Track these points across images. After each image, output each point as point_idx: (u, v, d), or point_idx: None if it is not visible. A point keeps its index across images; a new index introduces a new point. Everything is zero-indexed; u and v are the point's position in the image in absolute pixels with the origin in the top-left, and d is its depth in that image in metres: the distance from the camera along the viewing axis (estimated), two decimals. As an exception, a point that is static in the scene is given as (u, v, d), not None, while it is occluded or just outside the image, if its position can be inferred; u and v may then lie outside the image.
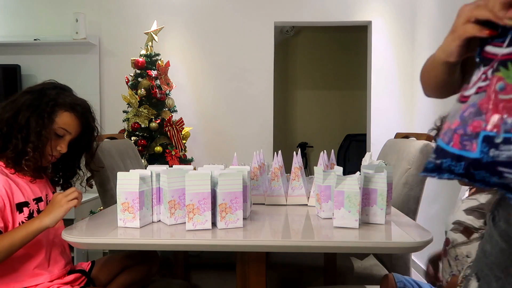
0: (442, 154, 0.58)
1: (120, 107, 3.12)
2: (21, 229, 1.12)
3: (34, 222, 1.13)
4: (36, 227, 1.12)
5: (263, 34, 3.41)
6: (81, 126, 1.30)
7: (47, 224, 1.13)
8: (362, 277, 1.75)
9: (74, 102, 1.28)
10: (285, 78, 5.35)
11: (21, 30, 3.42)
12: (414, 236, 1.02)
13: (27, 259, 1.20)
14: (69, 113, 1.26)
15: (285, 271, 1.81)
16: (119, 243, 1.04)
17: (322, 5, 3.37)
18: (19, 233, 1.11)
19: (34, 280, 1.20)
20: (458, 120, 0.57)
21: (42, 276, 1.22)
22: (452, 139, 0.57)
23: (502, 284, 0.62)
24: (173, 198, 1.11)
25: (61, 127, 1.24)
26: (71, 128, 1.27)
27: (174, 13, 3.40)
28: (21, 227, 1.13)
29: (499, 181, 0.53)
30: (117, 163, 1.80)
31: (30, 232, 1.12)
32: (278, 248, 1.03)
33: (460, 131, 0.56)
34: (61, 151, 1.26)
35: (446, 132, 0.59)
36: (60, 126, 1.24)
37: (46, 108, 1.22)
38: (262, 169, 1.50)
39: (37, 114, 1.21)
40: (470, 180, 0.56)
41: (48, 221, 1.13)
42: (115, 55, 3.43)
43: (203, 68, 3.44)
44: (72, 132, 1.28)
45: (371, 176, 1.15)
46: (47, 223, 1.13)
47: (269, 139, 3.46)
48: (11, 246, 1.10)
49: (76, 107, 1.28)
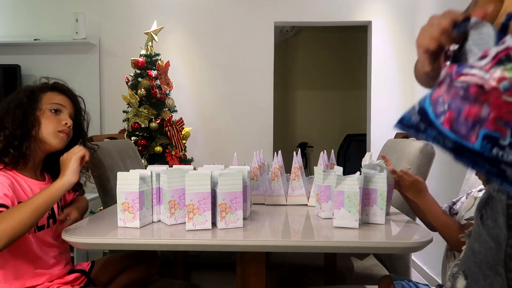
0: (428, 123, 0.56)
1: (120, 107, 3.12)
2: (43, 193, 1.10)
3: (54, 184, 1.12)
4: (58, 186, 1.11)
5: (263, 34, 3.41)
6: (70, 100, 1.31)
7: (68, 179, 1.12)
8: (362, 277, 1.75)
9: (51, 83, 1.31)
10: (285, 78, 5.35)
11: (21, 30, 3.42)
12: (414, 236, 1.02)
13: (28, 259, 1.19)
14: (51, 92, 1.28)
15: (285, 271, 1.81)
16: (119, 243, 1.04)
17: (322, 5, 3.37)
18: (41, 197, 1.09)
19: (36, 280, 1.20)
20: (449, 94, 0.54)
21: (44, 276, 1.22)
22: (444, 115, 0.54)
23: (490, 282, 0.62)
24: (173, 198, 1.11)
25: (51, 103, 1.26)
26: (62, 101, 1.28)
27: (174, 13, 3.40)
28: (42, 192, 1.11)
29: (495, 169, 0.52)
30: (117, 163, 1.80)
31: (53, 192, 1.10)
32: (278, 248, 1.03)
33: (453, 112, 0.53)
34: (67, 124, 1.26)
35: (438, 99, 0.55)
36: (50, 103, 1.25)
37: (24, 98, 1.23)
38: (262, 169, 1.50)
39: (18, 107, 1.22)
40: (457, 157, 0.54)
41: (67, 177, 1.13)
42: (115, 55, 3.43)
43: (203, 68, 3.44)
44: (66, 105, 1.29)
45: (371, 176, 1.15)
46: (67, 178, 1.12)
47: (269, 139, 3.46)
48: (35, 212, 1.07)
49: (55, 85, 1.31)
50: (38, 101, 1.25)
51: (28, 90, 1.26)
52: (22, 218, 1.04)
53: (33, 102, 1.24)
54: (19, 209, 1.06)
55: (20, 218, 1.04)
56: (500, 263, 0.61)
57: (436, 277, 2.52)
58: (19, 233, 1.04)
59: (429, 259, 2.66)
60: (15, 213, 1.05)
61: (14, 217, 1.04)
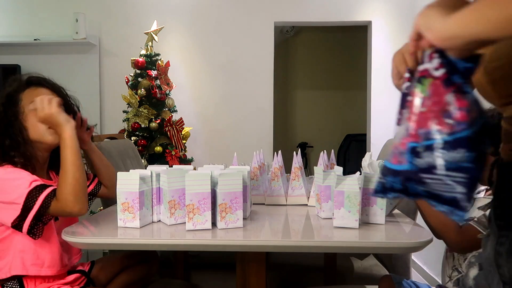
0: (385, 171, 0.62)
1: (120, 107, 3.12)
2: (66, 152, 1.13)
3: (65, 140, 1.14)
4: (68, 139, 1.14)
5: (263, 34, 3.41)
6: (50, 90, 1.26)
7: (67, 128, 1.15)
8: (362, 277, 1.75)
9: (26, 78, 1.24)
10: (285, 78, 5.35)
11: (21, 30, 3.42)
12: (414, 236, 1.02)
13: (48, 247, 1.20)
14: (28, 89, 1.22)
15: (285, 271, 1.81)
16: (119, 243, 1.04)
17: (322, 5, 3.37)
18: (68, 155, 1.13)
19: (51, 270, 1.20)
20: (397, 140, 0.62)
21: (58, 268, 1.22)
22: (392, 156, 0.61)
23: (492, 277, 0.65)
24: (173, 198, 1.11)
25: (31, 102, 1.19)
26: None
27: (174, 13, 3.40)
28: (64, 152, 1.14)
29: (424, 189, 0.57)
30: (117, 163, 1.80)
31: (71, 145, 1.14)
32: (278, 248, 1.03)
33: (398, 149, 0.60)
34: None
35: (391, 151, 0.62)
36: (30, 102, 1.19)
37: (0, 107, 1.18)
38: (262, 169, 1.50)
39: (0, 112, 1.18)
40: (406, 195, 0.60)
41: (65, 127, 1.15)
42: (115, 55, 3.43)
43: (203, 68, 3.44)
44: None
45: (371, 176, 1.15)
46: (66, 128, 1.15)
47: (269, 139, 3.46)
48: (77, 168, 1.13)
49: (30, 80, 1.24)
50: (17, 104, 1.19)
51: (4, 96, 1.20)
52: (72, 180, 1.11)
53: (12, 107, 1.19)
54: (64, 177, 1.12)
55: (72, 181, 1.11)
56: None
57: (436, 277, 2.52)
58: (83, 191, 1.14)
59: (429, 259, 2.66)
60: (63, 182, 1.11)
61: (68, 184, 1.11)
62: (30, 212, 1.08)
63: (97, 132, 3.34)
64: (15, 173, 1.12)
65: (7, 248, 1.16)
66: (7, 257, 1.16)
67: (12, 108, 1.19)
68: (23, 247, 1.16)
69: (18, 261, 1.15)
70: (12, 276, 1.16)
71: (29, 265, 1.16)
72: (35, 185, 1.10)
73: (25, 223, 1.09)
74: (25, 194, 1.08)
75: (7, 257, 1.16)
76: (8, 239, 1.15)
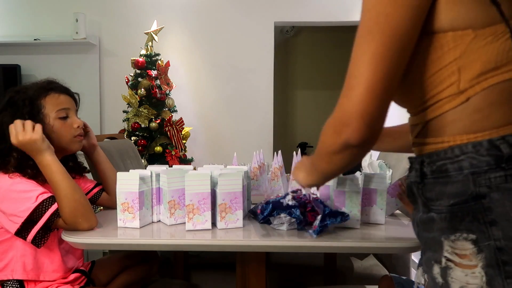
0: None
1: (120, 107, 3.12)
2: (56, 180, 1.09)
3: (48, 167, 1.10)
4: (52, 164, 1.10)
5: (263, 34, 3.41)
6: (71, 97, 1.24)
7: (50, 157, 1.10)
8: (362, 277, 1.75)
9: (46, 84, 1.21)
10: (285, 78, 5.35)
11: (21, 30, 3.42)
12: (414, 236, 1.02)
13: (49, 254, 1.20)
14: (50, 95, 1.19)
15: (285, 271, 1.81)
16: (119, 243, 1.04)
17: (322, 5, 3.37)
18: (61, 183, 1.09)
19: (52, 276, 1.20)
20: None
21: (60, 273, 1.22)
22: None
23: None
24: (173, 198, 1.11)
25: (56, 111, 1.18)
26: (66, 104, 1.21)
27: (174, 13, 3.40)
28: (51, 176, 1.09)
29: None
30: (117, 163, 1.80)
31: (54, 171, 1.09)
32: (278, 248, 1.03)
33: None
34: (80, 126, 1.22)
35: None
36: (55, 111, 1.18)
37: (26, 115, 1.13)
38: (262, 169, 1.50)
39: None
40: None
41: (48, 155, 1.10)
42: (115, 55, 3.43)
43: (203, 68, 3.44)
44: (70, 105, 1.22)
45: (371, 176, 1.15)
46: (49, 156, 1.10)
47: (269, 139, 3.46)
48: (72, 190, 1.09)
49: (51, 85, 1.21)
50: (40, 112, 1.16)
51: (26, 102, 1.15)
52: (73, 203, 1.08)
53: (36, 116, 1.14)
54: (65, 201, 1.08)
55: (73, 204, 1.08)
56: None
57: (436, 277, 2.52)
58: (88, 208, 1.10)
59: (429, 259, 2.66)
60: (65, 207, 1.08)
61: (71, 208, 1.08)
62: (36, 224, 1.08)
63: (97, 132, 3.34)
64: (22, 184, 1.10)
65: (7, 250, 1.15)
66: (7, 259, 1.16)
67: (36, 117, 1.14)
68: (24, 252, 1.16)
69: (19, 265, 1.15)
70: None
71: (30, 269, 1.16)
72: (43, 198, 1.08)
73: (29, 234, 1.09)
74: (31, 208, 1.07)
75: (7, 259, 1.16)
76: (9, 242, 1.15)
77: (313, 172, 0.83)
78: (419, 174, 0.67)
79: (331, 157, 0.70)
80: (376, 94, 0.60)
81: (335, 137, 0.66)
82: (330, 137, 0.68)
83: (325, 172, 0.79)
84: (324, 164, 0.74)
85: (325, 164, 0.74)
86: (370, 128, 0.62)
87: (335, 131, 0.66)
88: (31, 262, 1.16)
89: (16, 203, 1.08)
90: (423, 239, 0.69)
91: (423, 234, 0.68)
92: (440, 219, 0.63)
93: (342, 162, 0.70)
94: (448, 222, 0.62)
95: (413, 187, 0.70)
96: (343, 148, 0.66)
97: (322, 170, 0.78)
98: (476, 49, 0.61)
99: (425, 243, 0.68)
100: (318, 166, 0.78)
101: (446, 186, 0.62)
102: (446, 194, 0.62)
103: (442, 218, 0.62)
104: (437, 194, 0.63)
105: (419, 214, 0.69)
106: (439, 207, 0.63)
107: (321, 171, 0.79)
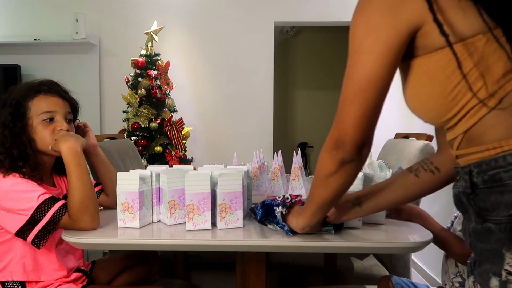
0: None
1: (120, 107, 3.12)
2: (72, 170, 1.11)
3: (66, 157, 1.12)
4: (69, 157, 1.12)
5: (263, 34, 3.41)
6: (61, 98, 1.21)
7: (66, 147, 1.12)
8: (362, 277, 1.75)
9: (35, 85, 1.19)
10: (285, 78, 5.35)
11: (21, 30, 3.42)
12: (414, 236, 1.02)
13: (48, 255, 1.20)
14: (38, 97, 1.17)
15: (285, 271, 1.80)
16: (119, 243, 1.04)
17: (322, 5, 3.37)
18: (73, 174, 1.11)
19: (53, 275, 1.20)
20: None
21: (61, 272, 1.22)
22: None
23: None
24: (173, 198, 1.11)
25: (41, 113, 1.16)
26: (52, 106, 1.18)
27: (174, 13, 3.40)
28: (70, 170, 1.11)
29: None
30: (117, 163, 1.80)
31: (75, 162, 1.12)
32: (278, 248, 1.03)
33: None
34: (63, 129, 1.18)
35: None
36: (40, 113, 1.16)
37: (8, 117, 1.13)
38: (262, 169, 1.50)
39: (5, 127, 1.14)
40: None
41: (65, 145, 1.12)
42: (115, 55, 3.43)
43: (203, 68, 3.44)
44: (58, 108, 1.19)
45: (371, 176, 1.15)
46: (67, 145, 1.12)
47: (269, 139, 3.46)
48: (84, 184, 1.11)
49: (41, 87, 1.19)
50: (25, 115, 1.15)
51: (13, 103, 1.15)
52: (82, 197, 1.09)
53: (20, 117, 1.14)
54: (74, 193, 1.09)
55: (80, 197, 1.09)
56: None
57: (436, 277, 2.52)
58: (94, 206, 1.10)
59: (429, 259, 2.66)
60: (73, 200, 1.09)
61: (78, 202, 1.08)
62: (37, 225, 1.08)
63: (97, 132, 3.34)
64: (23, 184, 1.10)
65: (7, 251, 1.15)
66: (6, 260, 1.15)
67: (20, 120, 1.15)
68: (24, 253, 1.15)
69: (19, 266, 1.15)
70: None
71: (30, 270, 1.16)
72: (44, 198, 1.08)
73: (30, 234, 1.09)
74: (33, 208, 1.07)
75: (6, 260, 1.15)
76: (8, 243, 1.15)
77: (307, 209, 0.91)
78: (469, 184, 0.65)
79: (327, 180, 0.80)
80: (360, 127, 0.74)
81: (332, 158, 0.77)
82: (327, 160, 0.78)
83: (321, 200, 0.85)
84: (320, 190, 0.83)
85: (321, 189, 0.83)
86: (361, 144, 0.75)
87: (331, 155, 0.77)
88: (31, 263, 1.16)
89: (17, 203, 1.08)
90: (478, 250, 0.66)
91: (477, 245, 0.65)
92: (499, 230, 0.60)
93: (337, 185, 0.80)
94: (509, 233, 0.59)
95: (462, 197, 0.68)
96: (339, 165, 0.77)
97: (318, 198, 0.85)
98: (492, 51, 0.60)
99: (481, 254, 0.65)
100: (314, 196, 0.86)
101: (503, 195, 0.60)
102: (504, 204, 0.60)
103: (502, 229, 0.60)
104: (492, 204, 0.61)
105: (471, 224, 0.67)
106: (497, 217, 0.61)
107: (317, 200, 0.86)
